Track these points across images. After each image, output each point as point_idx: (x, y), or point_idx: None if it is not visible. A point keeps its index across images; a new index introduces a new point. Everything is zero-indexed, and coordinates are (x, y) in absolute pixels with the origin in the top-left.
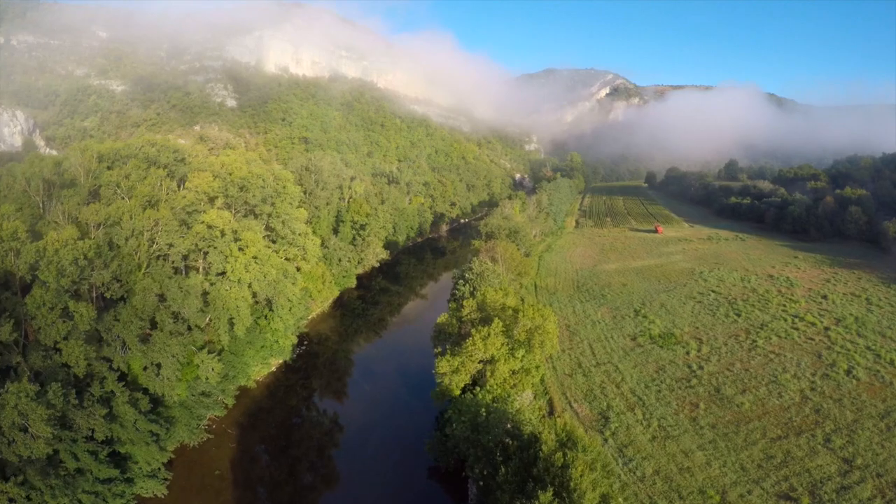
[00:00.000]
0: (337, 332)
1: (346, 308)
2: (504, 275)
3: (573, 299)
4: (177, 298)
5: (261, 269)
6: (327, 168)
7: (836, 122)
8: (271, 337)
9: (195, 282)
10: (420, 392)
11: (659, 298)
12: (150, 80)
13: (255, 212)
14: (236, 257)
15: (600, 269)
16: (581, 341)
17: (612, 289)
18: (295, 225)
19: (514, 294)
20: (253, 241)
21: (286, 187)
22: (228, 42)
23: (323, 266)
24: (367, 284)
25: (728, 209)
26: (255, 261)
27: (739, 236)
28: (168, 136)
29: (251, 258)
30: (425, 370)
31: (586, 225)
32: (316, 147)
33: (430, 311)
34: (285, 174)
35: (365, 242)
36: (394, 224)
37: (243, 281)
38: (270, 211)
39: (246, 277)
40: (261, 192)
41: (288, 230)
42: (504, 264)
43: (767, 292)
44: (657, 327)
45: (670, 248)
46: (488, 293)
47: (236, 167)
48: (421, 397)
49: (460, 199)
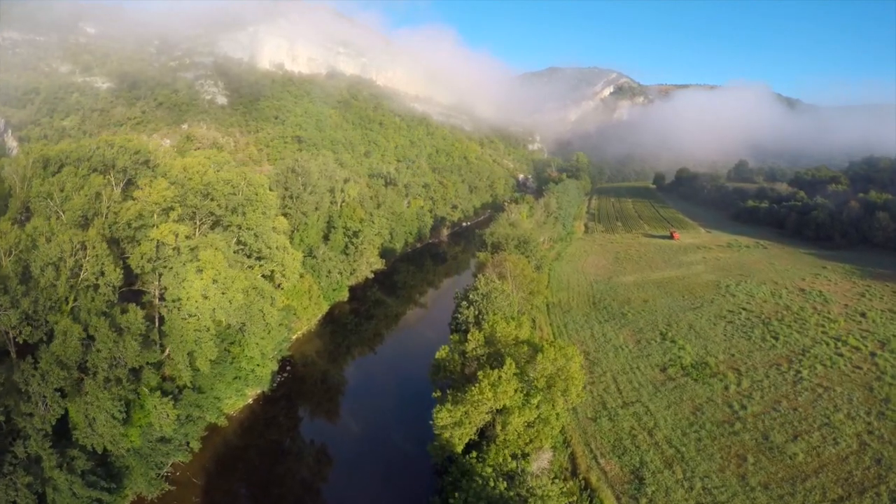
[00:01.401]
0: (326, 352)
1: (338, 324)
2: (514, 294)
3: (590, 319)
4: (107, 341)
5: (225, 295)
6: (316, 169)
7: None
8: (246, 365)
9: (134, 317)
10: (417, 420)
11: (686, 318)
12: (136, 77)
13: (224, 223)
14: (191, 282)
15: (617, 282)
16: (604, 373)
17: (632, 306)
18: (270, 238)
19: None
20: (212, 262)
21: (258, 194)
22: (221, 37)
23: (310, 279)
24: (360, 296)
25: (745, 213)
26: (216, 285)
27: (761, 243)
28: (153, 135)
29: (209, 282)
30: (423, 393)
31: (596, 230)
32: (310, 146)
33: (431, 323)
34: (259, 179)
35: (358, 251)
36: (391, 230)
37: (203, 309)
38: (241, 222)
39: (205, 306)
40: (228, 201)
41: (262, 244)
42: (514, 282)
43: (802, 310)
44: (688, 355)
45: (689, 256)
46: (498, 325)
47: (198, 171)
48: (418, 426)
49: (462, 201)
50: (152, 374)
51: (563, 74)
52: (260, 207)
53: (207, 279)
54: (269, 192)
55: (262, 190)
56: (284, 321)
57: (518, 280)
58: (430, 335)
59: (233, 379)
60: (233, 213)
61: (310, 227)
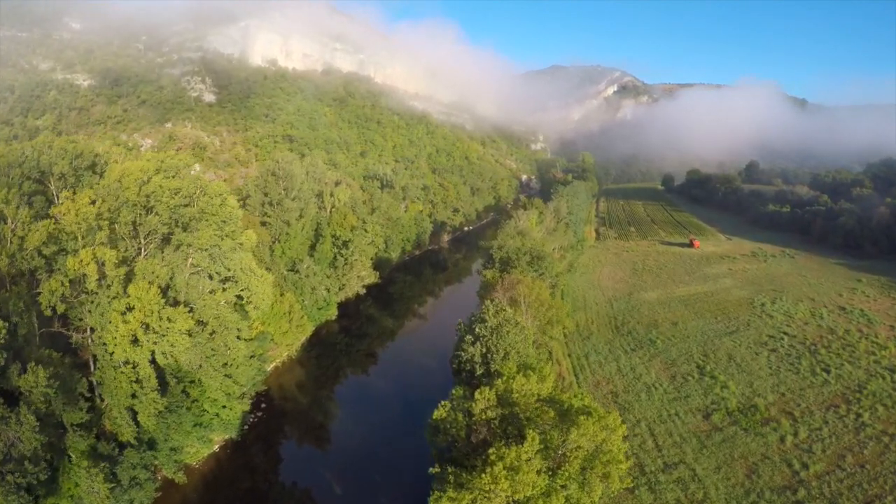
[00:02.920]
0: (310, 381)
1: (325, 346)
2: (529, 326)
3: (614, 347)
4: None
5: (167, 339)
6: (301, 171)
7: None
8: (210, 409)
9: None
10: (416, 456)
11: (723, 345)
12: (119, 74)
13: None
14: (117, 326)
15: (639, 299)
16: (637, 422)
17: (660, 330)
18: (231, 258)
19: (552, 374)
20: (142, 300)
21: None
22: (210, 32)
23: (291, 298)
24: (352, 312)
25: (766, 218)
26: (148, 330)
27: (786, 252)
28: (133, 135)
29: (138, 326)
30: (421, 420)
31: (609, 236)
32: (302, 146)
33: (431, 338)
34: (217, 186)
35: (348, 264)
36: (386, 238)
37: (137, 357)
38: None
39: (138, 354)
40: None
41: (221, 266)
42: (529, 310)
43: (847, 333)
44: (733, 395)
45: (714, 267)
46: (515, 381)
47: (136, 178)
48: (417, 465)
49: (464, 204)
50: (80, 438)
51: (566, 73)
52: (214, 222)
53: (135, 323)
54: (230, 202)
55: (217, 200)
56: (258, 350)
57: (535, 309)
58: (431, 352)
59: (193, 426)
60: (184, 229)
61: (292, 237)
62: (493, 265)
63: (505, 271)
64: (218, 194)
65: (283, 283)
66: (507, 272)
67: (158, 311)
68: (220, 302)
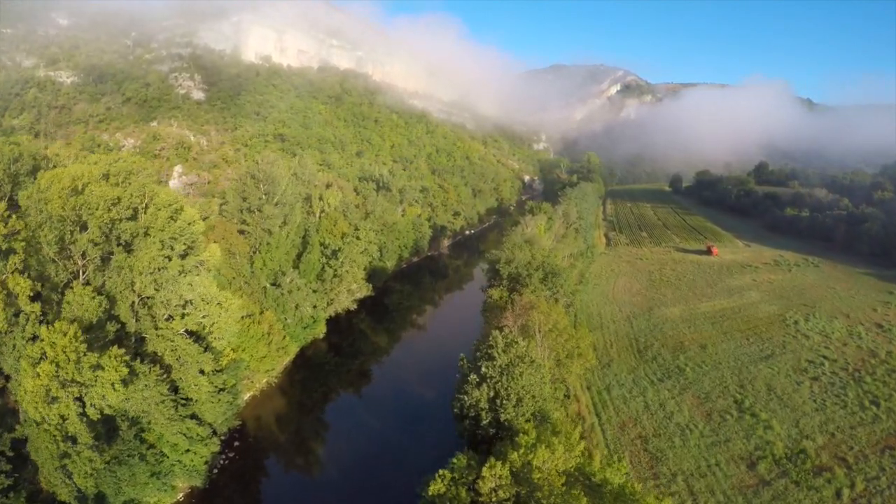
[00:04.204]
0: (294, 408)
1: (311, 367)
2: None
3: (639, 377)
4: None
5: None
6: (286, 173)
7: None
8: (170, 455)
9: None
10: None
11: (760, 373)
12: (104, 71)
13: (113, 264)
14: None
15: (660, 316)
16: (673, 476)
17: (688, 355)
18: (182, 283)
19: (580, 445)
20: (59, 347)
21: (158, 218)
22: (201, 27)
23: (271, 317)
24: (343, 327)
25: (784, 223)
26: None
27: (810, 261)
28: (115, 134)
29: (49, 380)
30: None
31: (620, 242)
32: (294, 145)
33: (431, 350)
34: (166, 196)
35: (337, 276)
36: (380, 245)
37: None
38: (132, 263)
39: (58, 411)
40: (116, 230)
41: (172, 294)
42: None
43: (890, 356)
44: (778, 437)
45: (737, 278)
46: (537, 455)
47: (64, 187)
48: None
49: (465, 206)
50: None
51: (567, 72)
52: (161, 239)
53: (45, 378)
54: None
55: (164, 213)
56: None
57: (550, 337)
58: (430, 369)
59: (149, 476)
60: (126, 248)
61: (274, 247)
62: (500, 282)
63: (514, 290)
64: (167, 205)
65: (263, 299)
66: (517, 291)
67: (78, 359)
68: (179, 331)
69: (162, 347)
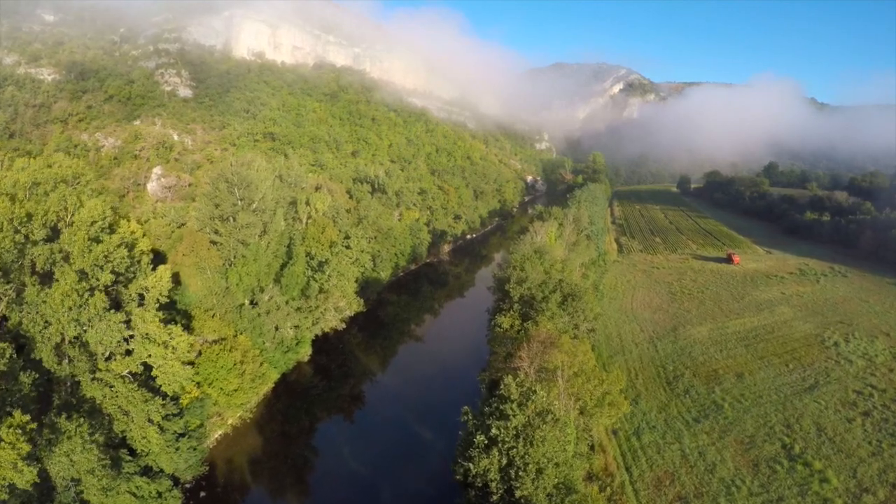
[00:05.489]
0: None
1: (295, 393)
2: (570, 411)
3: (670, 416)
4: None
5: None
6: (267, 176)
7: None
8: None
9: None
10: None
11: (807, 409)
12: (87, 67)
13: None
14: None
15: (687, 336)
16: None
17: (724, 387)
18: (114, 324)
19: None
20: None
21: (74, 240)
22: (191, 22)
23: (245, 342)
24: (332, 346)
25: (803, 227)
26: None
27: (836, 269)
28: (95, 133)
29: None
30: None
31: (632, 249)
32: (285, 144)
33: (433, 366)
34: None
35: (323, 292)
36: (374, 254)
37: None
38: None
39: None
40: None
41: (103, 335)
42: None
43: None
44: (836, 492)
45: (763, 291)
46: None
47: None
48: None
49: (466, 209)
50: None
51: (570, 70)
52: (78, 266)
53: None
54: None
55: (81, 234)
56: (192, 423)
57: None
58: (431, 385)
59: None
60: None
61: (251, 260)
62: (510, 305)
63: (527, 316)
64: (89, 223)
65: (238, 320)
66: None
67: None
68: (123, 373)
69: (100, 395)
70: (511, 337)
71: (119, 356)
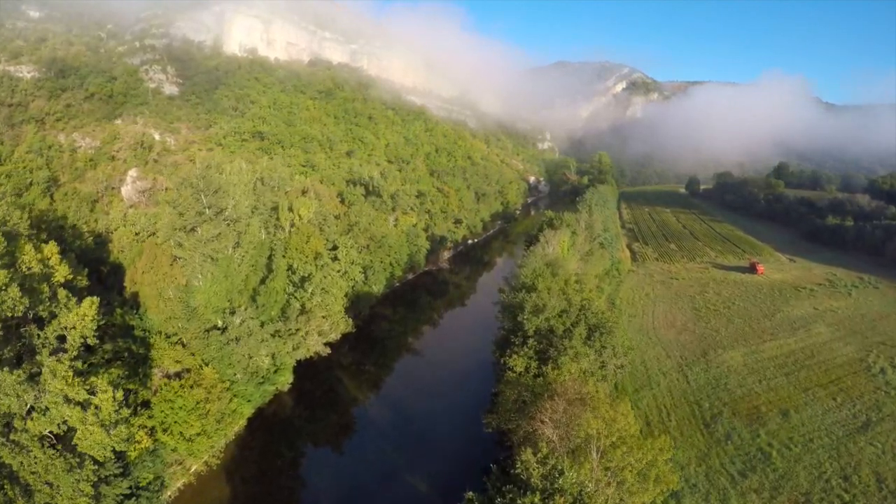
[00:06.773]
0: (243, 490)
1: (273, 426)
2: (606, 489)
3: (712, 469)
4: None
5: None
6: (246, 179)
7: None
8: None
9: None
10: None
11: (862, 454)
12: (68, 64)
13: None
14: None
15: (719, 363)
16: None
17: (768, 427)
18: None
19: None
20: None
21: None
22: (180, 17)
23: (211, 375)
24: (318, 370)
25: (825, 232)
26: None
27: (866, 280)
28: (73, 133)
29: None
30: None
31: (647, 256)
32: (274, 144)
33: (434, 389)
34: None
35: (305, 313)
36: (365, 265)
37: None
38: None
39: None
40: None
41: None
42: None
43: None
44: None
45: (794, 306)
46: None
47: None
48: None
49: (467, 212)
50: None
51: (572, 69)
52: None
53: None
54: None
55: None
56: (145, 478)
57: (615, 457)
58: (432, 407)
59: None
60: None
61: (221, 277)
62: (523, 340)
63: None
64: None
65: (204, 349)
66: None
67: None
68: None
69: (16, 463)
70: (526, 384)
71: (37, 412)
